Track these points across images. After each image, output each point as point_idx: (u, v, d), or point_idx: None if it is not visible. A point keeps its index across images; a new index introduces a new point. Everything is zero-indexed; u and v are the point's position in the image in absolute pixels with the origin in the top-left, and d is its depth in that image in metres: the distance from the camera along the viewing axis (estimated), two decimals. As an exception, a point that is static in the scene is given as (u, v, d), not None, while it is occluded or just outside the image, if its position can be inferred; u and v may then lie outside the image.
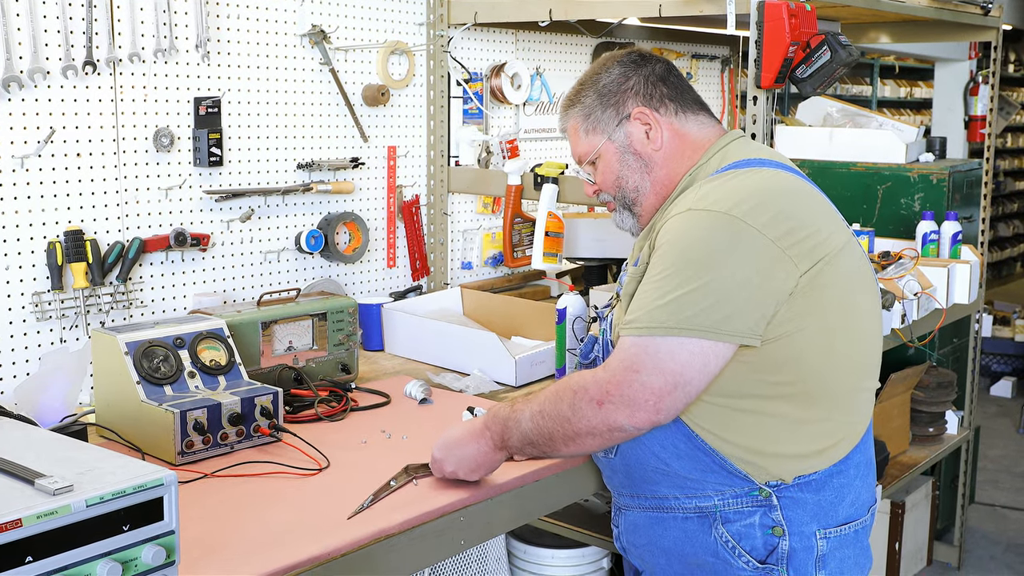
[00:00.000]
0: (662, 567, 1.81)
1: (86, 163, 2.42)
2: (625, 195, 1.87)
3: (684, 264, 1.62)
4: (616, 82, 1.86)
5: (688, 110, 1.86)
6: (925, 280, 3.13)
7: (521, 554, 2.96)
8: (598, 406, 1.63)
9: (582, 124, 1.89)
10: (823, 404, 1.69)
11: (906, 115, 9.51)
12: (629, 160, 1.85)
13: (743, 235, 1.61)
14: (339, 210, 2.98)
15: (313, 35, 2.84)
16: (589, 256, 3.27)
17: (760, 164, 1.75)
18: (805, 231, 1.64)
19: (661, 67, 1.88)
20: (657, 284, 1.63)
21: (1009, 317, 6.89)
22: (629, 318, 1.65)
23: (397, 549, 1.68)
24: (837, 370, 1.69)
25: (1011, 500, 4.83)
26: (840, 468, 1.71)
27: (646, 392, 1.60)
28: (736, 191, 1.67)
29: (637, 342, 1.62)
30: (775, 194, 1.67)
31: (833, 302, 1.66)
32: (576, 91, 1.91)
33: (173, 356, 2.06)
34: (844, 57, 2.46)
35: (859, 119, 4.24)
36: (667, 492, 1.76)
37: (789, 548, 1.68)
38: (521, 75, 3.42)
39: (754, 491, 1.69)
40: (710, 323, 1.59)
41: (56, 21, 2.33)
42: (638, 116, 1.83)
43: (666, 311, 1.60)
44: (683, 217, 1.67)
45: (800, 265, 1.62)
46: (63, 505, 1.24)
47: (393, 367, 2.70)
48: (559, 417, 1.68)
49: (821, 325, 1.65)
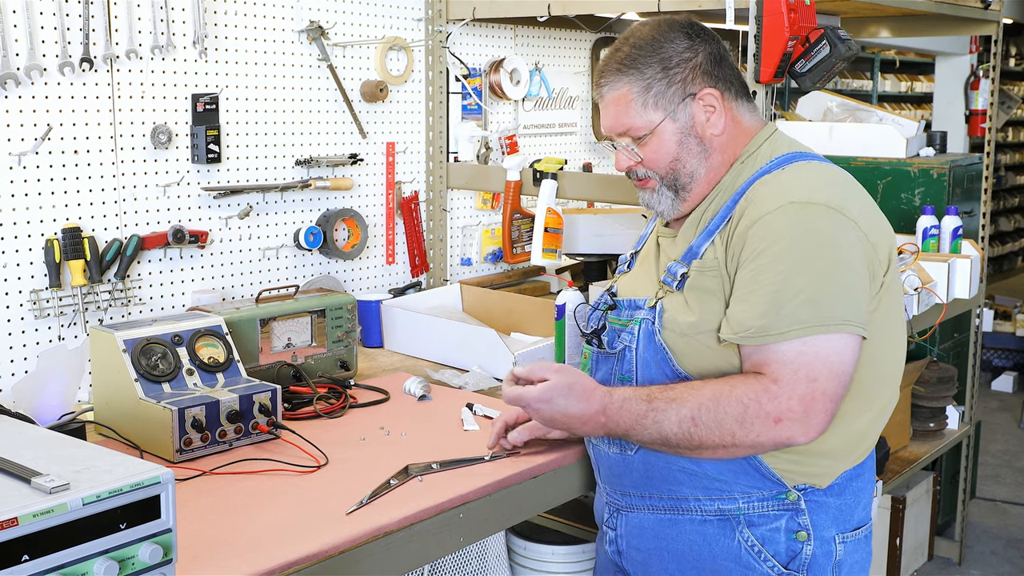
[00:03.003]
0: (670, 572, 1.73)
1: (83, 160, 2.41)
2: (677, 178, 1.73)
3: (808, 260, 1.54)
4: (684, 56, 1.70)
5: (743, 95, 1.77)
6: (926, 275, 3.13)
7: (521, 550, 2.96)
8: (775, 423, 1.53)
9: (639, 96, 1.71)
10: (879, 402, 1.67)
11: (906, 109, 9.50)
12: (690, 143, 1.72)
13: (847, 226, 1.57)
14: (338, 206, 2.97)
15: (311, 31, 2.83)
16: (588, 252, 3.27)
17: (815, 158, 1.72)
18: (882, 227, 1.64)
19: (721, 45, 1.76)
20: (782, 283, 1.53)
21: (1010, 312, 6.89)
22: (760, 323, 1.54)
23: (396, 546, 1.67)
24: (894, 369, 1.68)
25: (1012, 495, 4.83)
26: (859, 471, 1.70)
27: (825, 400, 1.52)
28: (824, 182, 1.62)
29: (802, 348, 1.52)
30: (854, 188, 1.66)
31: (892, 301, 1.65)
32: (631, 55, 1.71)
33: (171, 353, 2.05)
34: (844, 51, 2.45)
35: (859, 114, 4.23)
36: (688, 493, 1.69)
37: (812, 553, 1.65)
38: (520, 71, 3.42)
39: (782, 494, 1.64)
40: (853, 317, 1.53)
41: (53, 18, 2.32)
42: (704, 97, 1.71)
43: (809, 309, 1.51)
44: (786, 211, 1.58)
45: (883, 262, 1.62)
46: (60, 503, 1.23)
47: (392, 364, 2.69)
48: (721, 429, 1.56)
49: (887, 323, 1.64)
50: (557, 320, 2.36)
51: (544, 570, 2.94)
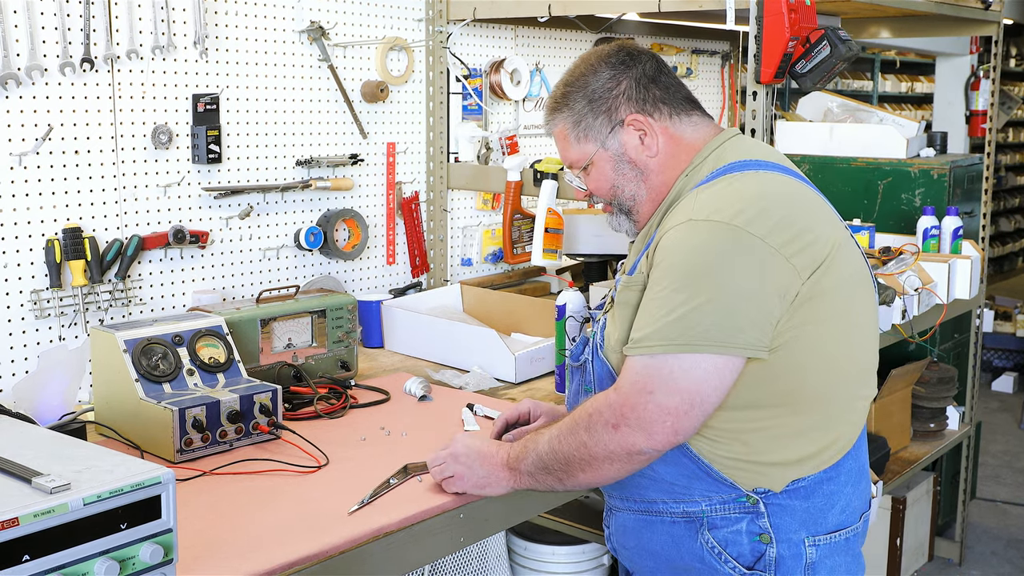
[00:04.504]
0: (650, 569, 1.78)
1: (84, 160, 2.42)
2: (621, 202, 1.81)
3: (689, 278, 1.57)
4: (606, 86, 1.77)
5: (681, 111, 1.79)
6: (926, 275, 3.13)
7: (521, 551, 2.96)
8: (614, 430, 1.58)
9: (572, 131, 1.80)
10: (818, 412, 1.67)
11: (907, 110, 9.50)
12: (624, 168, 1.78)
13: (746, 245, 1.57)
14: (338, 207, 2.97)
15: (311, 31, 2.84)
16: (589, 252, 3.26)
17: (756, 166, 1.71)
18: (806, 238, 1.61)
19: (651, 65, 1.80)
20: (663, 300, 1.59)
21: (1010, 312, 6.89)
22: (637, 336, 1.60)
23: (396, 546, 1.67)
24: (834, 378, 1.67)
25: (1012, 496, 4.83)
26: (830, 475, 1.69)
27: (662, 413, 1.56)
28: (735, 198, 1.62)
29: (648, 362, 1.57)
30: (774, 200, 1.63)
31: (832, 309, 1.63)
32: (563, 93, 1.81)
33: (172, 354, 2.05)
34: (844, 52, 2.45)
35: (860, 114, 4.23)
36: (655, 496, 1.73)
37: (777, 555, 1.66)
38: (520, 71, 3.42)
39: (741, 498, 1.66)
40: (723, 337, 1.55)
41: (54, 18, 2.32)
42: (632, 123, 1.77)
43: (676, 328, 1.55)
44: (683, 229, 1.62)
45: (802, 273, 1.59)
46: (60, 503, 1.24)
47: (392, 364, 2.69)
48: (576, 441, 1.63)
49: (820, 332, 1.62)
50: (557, 320, 2.36)
51: (544, 570, 2.94)
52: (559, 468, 1.67)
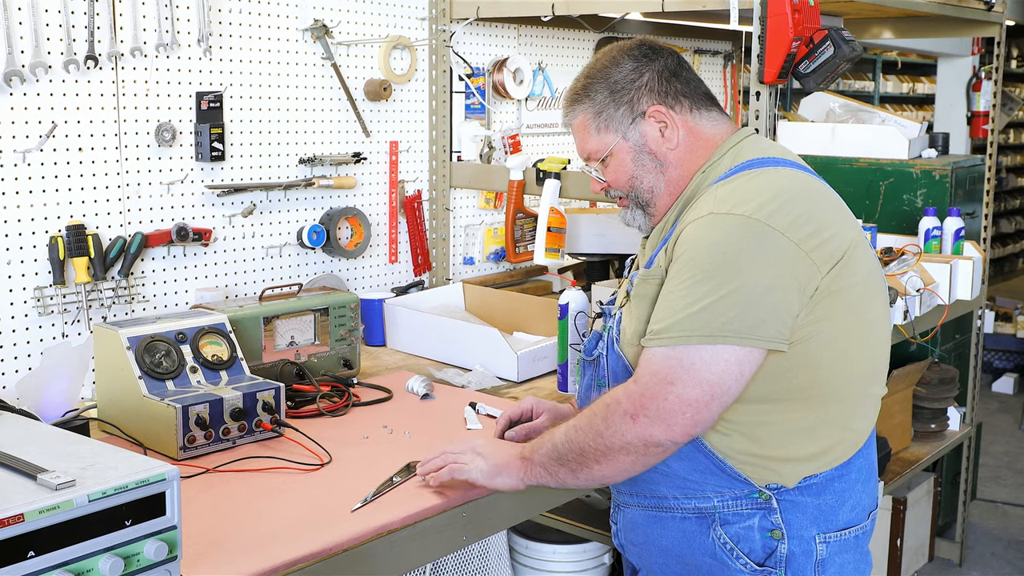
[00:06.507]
0: (659, 566, 1.79)
1: (88, 158, 2.42)
2: (639, 195, 1.81)
3: (712, 270, 1.58)
4: (628, 78, 1.78)
5: (701, 106, 1.80)
6: (927, 276, 3.13)
7: (523, 549, 2.96)
8: (632, 420, 1.58)
9: (592, 121, 1.81)
10: (830, 408, 1.67)
11: (909, 111, 9.50)
12: (644, 160, 1.79)
13: (768, 238, 1.58)
14: (341, 205, 2.97)
15: (315, 30, 2.84)
16: (591, 252, 3.26)
17: (774, 163, 1.72)
18: (826, 233, 1.62)
19: (673, 60, 1.81)
20: (684, 291, 1.59)
21: (1011, 313, 6.88)
22: (657, 328, 1.60)
23: (399, 544, 1.68)
24: (848, 375, 1.67)
25: (1013, 496, 4.83)
26: (842, 472, 1.70)
27: (683, 404, 1.56)
28: (757, 193, 1.63)
29: (669, 353, 1.57)
30: (795, 195, 1.64)
31: (848, 307, 1.64)
32: (584, 85, 1.82)
33: (175, 351, 2.06)
34: (847, 52, 2.45)
35: (862, 115, 4.23)
36: (667, 492, 1.74)
37: (788, 552, 1.67)
38: (523, 70, 3.42)
39: (754, 494, 1.67)
40: (745, 329, 1.55)
41: (58, 15, 2.32)
42: (653, 114, 1.77)
43: (698, 319, 1.56)
44: (705, 222, 1.62)
45: (822, 268, 1.60)
46: (65, 500, 1.24)
47: (395, 362, 2.70)
48: (592, 431, 1.63)
49: (837, 328, 1.63)
50: (560, 319, 2.36)
51: (545, 569, 2.94)
52: (573, 459, 1.66)
